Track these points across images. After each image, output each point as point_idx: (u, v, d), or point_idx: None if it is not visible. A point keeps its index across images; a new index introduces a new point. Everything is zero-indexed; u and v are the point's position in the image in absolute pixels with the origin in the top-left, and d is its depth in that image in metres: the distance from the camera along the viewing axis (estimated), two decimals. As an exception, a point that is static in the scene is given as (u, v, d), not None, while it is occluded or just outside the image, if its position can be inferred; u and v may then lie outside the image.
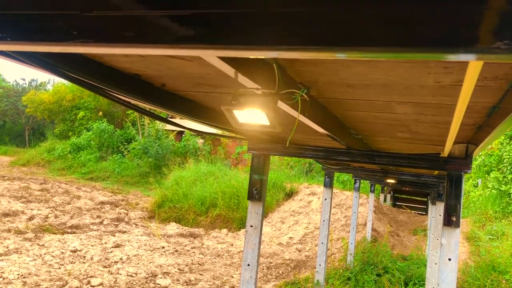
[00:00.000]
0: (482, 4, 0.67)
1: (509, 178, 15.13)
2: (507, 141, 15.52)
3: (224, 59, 1.35)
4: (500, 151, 15.96)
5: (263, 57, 1.60)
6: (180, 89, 2.51)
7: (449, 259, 3.14)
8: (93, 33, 0.87)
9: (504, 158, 15.54)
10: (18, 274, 6.82)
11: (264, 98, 1.72)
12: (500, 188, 15.16)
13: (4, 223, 10.04)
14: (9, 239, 8.78)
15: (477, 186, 17.25)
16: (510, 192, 14.70)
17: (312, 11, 0.73)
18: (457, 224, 3.12)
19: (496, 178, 15.62)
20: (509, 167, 15.33)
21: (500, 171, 15.82)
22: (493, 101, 1.90)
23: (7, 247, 8.22)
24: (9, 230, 9.45)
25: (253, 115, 1.82)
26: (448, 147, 2.81)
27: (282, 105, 1.87)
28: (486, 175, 16.72)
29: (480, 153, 16.45)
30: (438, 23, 0.70)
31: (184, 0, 0.80)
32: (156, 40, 0.84)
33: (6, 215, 10.64)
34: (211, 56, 1.29)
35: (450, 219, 3.13)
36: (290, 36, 0.75)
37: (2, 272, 6.82)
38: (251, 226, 3.86)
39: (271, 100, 1.71)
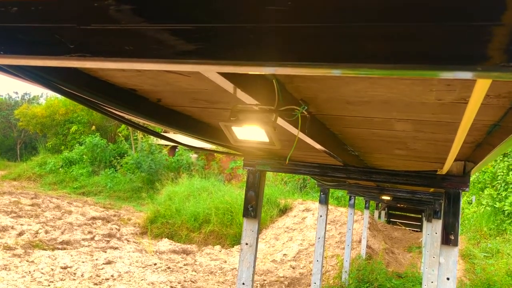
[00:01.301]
0: (494, 21, 0.65)
1: (503, 195, 15.17)
2: (501, 158, 15.61)
3: (223, 74, 1.32)
4: (494, 168, 16.03)
5: (262, 73, 1.57)
6: (176, 104, 2.48)
7: (448, 279, 3.10)
8: (91, 46, 0.84)
9: (498, 175, 15.60)
10: (6, 292, 6.65)
11: (263, 115, 1.69)
12: (495, 205, 15.18)
13: (-7, 238, 9.84)
14: (-3, 255, 8.59)
15: (471, 203, 17.27)
16: (505, 209, 14.72)
17: (309, 27, 0.71)
18: (455, 243, 3.08)
19: (490, 195, 15.66)
20: (503, 184, 15.39)
21: (494, 188, 15.86)
22: (494, 119, 1.88)
23: (-4, 263, 8.05)
24: (-2, 246, 9.26)
25: (252, 131, 1.79)
26: (448, 165, 2.79)
27: (280, 122, 1.84)
28: (480, 192, 16.76)
29: (474, 170, 16.49)
30: (446, 40, 0.67)
31: (184, 14, 0.78)
32: (156, 55, 0.81)
33: (-5, 230, 10.45)
34: (211, 71, 1.27)
35: (448, 238, 3.10)
36: (287, 52, 0.74)
37: (-10, 290, 6.66)
38: (246, 244, 3.79)
39: (270, 117, 1.68)
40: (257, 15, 0.74)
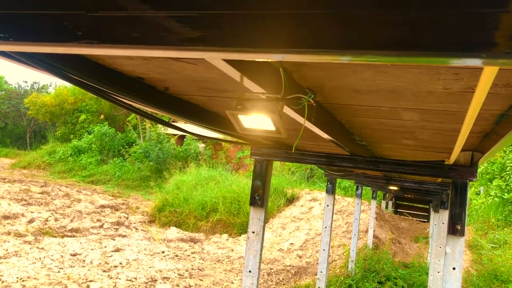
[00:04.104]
0: (501, 8, 0.65)
1: None
2: (510, 149, 15.47)
3: (230, 62, 1.32)
4: (503, 158, 15.90)
5: (268, 60, 1.57)
6: (183, 93, 2.49)
7: (454, 268, 3.10)
8: (99, 34, 0.84)
9: (507, 166, 15.48)
10: (17, 278, 6.78)
11: (270, 103, 1.69)
12: (503, 196, 15.09)
13: (4, 225, 10.00)
14: (8, 241, 8.74)
15: (479, 194, 17.17)
16: (513, 200, 14.64)
17: (317, 14, 0.71)
18: (462, 233, 3.08)
19: (498, 186, 15.56)
20: (512, 175, 15.28)
21: (503, 179, 15.75)
22: (502, 109, 1.87)
23: (7, 250, 8.18)
24: (8, 233, 9.42)
25: (258, 120, 1.79)
26: (455, 155, 2.78)
27: (287, 110, 1.84)
28: (489, 183, 16.65)
29: (482, 161, 16.41)
30: (452, 26, 0.67)
31: (190, 1, 0.78)
32: (162, 42, 0.82)
33: (6, 217, 10.60)
34: (217, 58, 1.27)
35: (455, 228, 3.09)
36: (294, 39, 0.73)
37: (1, 276, 6.78)
38: (253, 232, 3.82)
39: (277, 105, 1.69)
40: (264, 1, 0.74)
